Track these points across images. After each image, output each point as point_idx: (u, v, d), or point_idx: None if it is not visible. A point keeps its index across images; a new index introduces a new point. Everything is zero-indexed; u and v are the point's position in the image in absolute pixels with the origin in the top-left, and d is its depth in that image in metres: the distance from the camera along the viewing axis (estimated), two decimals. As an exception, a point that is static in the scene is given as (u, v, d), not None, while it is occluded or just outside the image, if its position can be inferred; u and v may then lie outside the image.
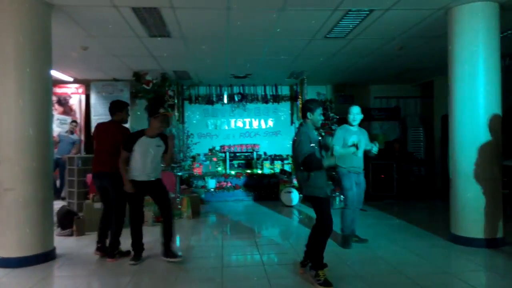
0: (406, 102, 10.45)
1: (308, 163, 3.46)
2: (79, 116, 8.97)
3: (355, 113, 4.77)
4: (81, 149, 8.67)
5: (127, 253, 4.42)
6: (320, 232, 3.59)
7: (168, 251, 4.25)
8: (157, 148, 4.26)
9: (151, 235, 5.19)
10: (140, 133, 4.24)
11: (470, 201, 4.64)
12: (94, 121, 8.65)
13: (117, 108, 4.60)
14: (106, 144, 4.41)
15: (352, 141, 4.55)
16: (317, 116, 3.68)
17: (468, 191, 4.67)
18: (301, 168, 3.54)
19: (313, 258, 3.60)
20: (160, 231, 4.33)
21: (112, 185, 4.33)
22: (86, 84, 8.76)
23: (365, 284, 3.51)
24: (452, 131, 4.88)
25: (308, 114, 3.67)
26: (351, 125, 4.78)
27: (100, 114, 8.63)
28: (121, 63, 7.27)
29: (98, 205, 5.86)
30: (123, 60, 7.12)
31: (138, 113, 9.08)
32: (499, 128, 4.64)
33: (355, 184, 4.73)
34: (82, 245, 5.09)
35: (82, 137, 8.89)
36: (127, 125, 8.62)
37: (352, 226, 4.79)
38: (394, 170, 8.36)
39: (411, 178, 9.21)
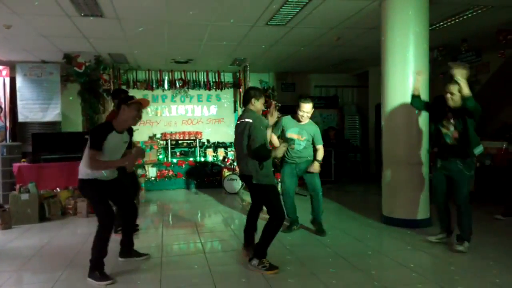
0: (344, 91, 10.86)
1: (261, 151, 3.44)
2: (3, 100, 8.22)
3: (304, 111, 4.57)
4: (6, 136, 7.98)
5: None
6: (272, 224, 3.51)
7: (132, 250, 3.94)
8: (124, 144, 3.58)
9: (87, 227, 4.95)
10: (109, 127, 3.42)
11: (400, 185, 4.94)
12: (21, 106, 8.00)
13: (114, 96, 4.20)
14: None
15: (291, 133, 4.62)
16: (261, 104, 3.70)
17: (398, 175, 4.97)
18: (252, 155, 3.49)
19: (259, 246, 3.56)
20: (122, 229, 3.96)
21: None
22: (11, 66, 8.04)
23: (304, 267, 3.62)
24: (384, 119, 5.15)
25: (253, 100, 3.65)
26: (299, 120, 4.66)
27: (27, 98, 7.99)
28: (50, 44, 6.74)
29: (25, 196, 5.48)
30: (53, 41, 6.60)
31: (70, 98, 8.53)
32: (426, 117, 4.97)
33: (290, 175, 4.70)
34: (9, 238, 4.75)
35: (7, 124, 8.18)
36: (58, 111, 8.15)
37: (294, 215, 4.81)
38: (332, 156, 8.70)
39: (347, 164, 9.66)
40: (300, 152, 4.66)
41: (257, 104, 3.67)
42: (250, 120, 3.52)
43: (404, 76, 4.88)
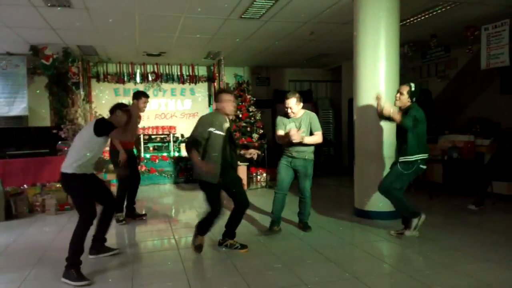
0: (318, 85, 10.96)
1: (186, 144, 3.71)
2: (-35, 94, 7.85)
3: (288, 107, 4.46)
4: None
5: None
6: (209, 214, 3.78)
7: (103, 246, 3.87)
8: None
9: (56, 225, 4.80)
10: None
11: (371, 178, 5.03)
12: (-16, 100, 7.67)
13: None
14: None
15: (289, 127, 4.44)
16: (223, 104, 3.81)
17: (369, 168, 5.06)
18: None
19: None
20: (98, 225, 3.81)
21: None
22: (-26, 58, 7.68)
23: (278, 259, 3.64)
24: (356, 113, 5.22)
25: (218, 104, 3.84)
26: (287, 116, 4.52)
27: (-9, 92, 7.66)
28: (15, 35, 6.46)
29: (-10, 194, 5.25)
30: (18, 32, 6.33)
31: (38, 91, 8.23)
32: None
33: (286, 168, 4.52)
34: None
35: (-31, 118, 7.82)
36: (24, 105, 7.83)
37: (279, 213, 4.57)
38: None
39: (321, 157, 9.77)
40: (298, 146, 4.42)
41: (218, 105, 3.85)
42: (200, 119, 3.79)
43: (375, 71, 4.95)
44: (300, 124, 4.49)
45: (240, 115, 8.49)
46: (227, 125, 3.75)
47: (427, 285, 3.01)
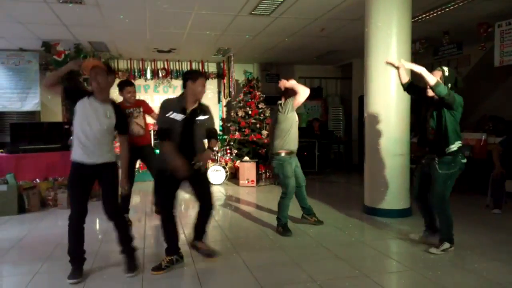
0: (328, 82, 10.90)
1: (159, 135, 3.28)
2: (-21, 89, 7.97)
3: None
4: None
5: None
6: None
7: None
8: (107, 120, 3.23)
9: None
10: (83, 91, 3.20)
11: (381, 175, 5.01)
12: (-2, 95, 7.78)
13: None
14: None
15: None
16: (198, 87, 3.29)
17: (379, 166, 5.03)
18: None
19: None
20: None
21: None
22: (-13, 54, 7.79)
23: (286, 255, 3.65)
24: (366, 110, 5.18)
25: (189, 82, 3.28)
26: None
27: (4, 87, 7.77)
28: (28, 31, 6.54)
29: (3, 188, 5.35)
30: (30, 28, 6.40)
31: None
32: (408, 109, 5.03)
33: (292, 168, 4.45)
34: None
35: (-15, 113, 7.95)
36: (37, 100, 7.92)
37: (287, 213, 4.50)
38: (316, 147, 8.76)
39: (331, 155, 9.74)
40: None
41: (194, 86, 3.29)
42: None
43: (386, 68, 4.89)
44: None
45: (250, 112, 8.50)
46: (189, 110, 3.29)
47: (436, 284, 2.99)
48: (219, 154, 8.07)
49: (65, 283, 3.13)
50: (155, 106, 9.26)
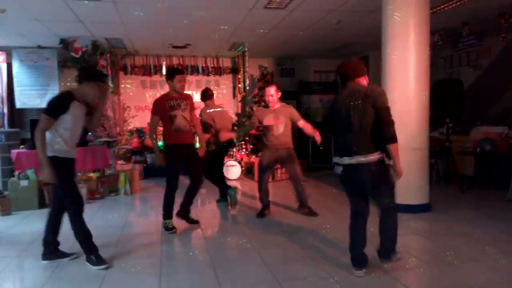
0: (344, 76, 10.75)
1: None
2: (0, 87, 8.15)
3: (268, 95, 4.82)
4: (4, 122, 7.94)
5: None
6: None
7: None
8: (84, 115, 3.44)
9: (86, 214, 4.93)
10: (70, 96, 3.29)
11: (399, 170, 4.92)
12: (18, 92, 7.94)
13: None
14: None
15: (267, 121, 4.78)
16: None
17: (398, 160, 4.94)
18: None
19: None
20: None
21: None
22: (7, 52, 7.95)
23: (303, 251, 3.63)
24: (385, 103, 5.09)
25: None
26: (270, 106, 4.85)
27: (24, 84, 7.93)
28: (46, 28, 6.64)
29: (24, 183, 5.47)
30: (48, 26, 6.50)
31: (68, 84, 8.45)
32: (427, 102, 4.92)
33: (269, 158, 4.84)
34: (9, 225, 4.77)
35: (5, 110, 8.12)
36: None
37: (267, 200, 5.00)
38: (332, 142, 8.66)
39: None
40: (280, 138, 4.75)
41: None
42: None
43: (404, 61, 4.81)
44: (278, 115, 4.76)
45: (265, 107, 8.46)
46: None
47: (456, 279, 2.94)
48: (233, 149, 8.08)
49: (87, 275, 3.19)
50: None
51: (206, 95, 5.66)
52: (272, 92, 4.79)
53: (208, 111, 5.50)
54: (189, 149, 4.39)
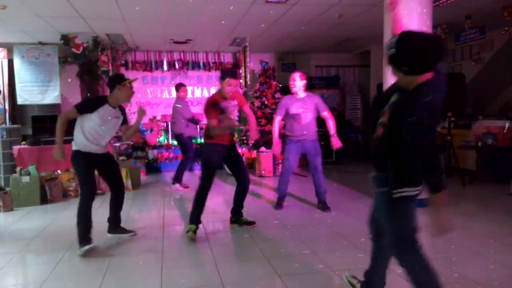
0: (345, 71, 10.73)
1: None
2: (2, 83, 8.16)
3: (292, 82, 4.76)
4: (5, 119, 7.96)
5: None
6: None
7: (120, 226, 4.10)
8: (116, 119, 3.77)
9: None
10: (103, 100, 3.66)
11: (401, 164, 4.91)
12: (19, 88, 7.95)
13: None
14: None
15: (296, 110, 4.70)
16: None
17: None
18: None
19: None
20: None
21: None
22: (8, 48, 7.94)
23: (304, 245, 3.64)
24: (386, 98, 5.07)
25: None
26: (296, 94, 4.79)
27: (25, 81, 7.94)
28: (47, 24, 6.63)
29: (26, 179, 5.49)
30: (49, 22, 6.49)
31: (69, 80, 8.45)
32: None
33: (294, 153, 4.81)
34: (11, 221, 4.79)
35: (6, 106, 8.14)
36: (57, 93, 8.07)
37: (284, 191, 5.01)
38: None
39: (348, 144, 9.62)
40: (306, 128, 4.71)
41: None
42: None
43: (407, 54, 4.77)
44: (306, 103, 4.71)
45: (266, 102, 8.45)
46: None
47: (458, 274, 2.93)
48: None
49: (88, 271, 3.20)
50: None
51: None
52: (296, 78, 4.73)
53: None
54: (233, 149, 4.35)
